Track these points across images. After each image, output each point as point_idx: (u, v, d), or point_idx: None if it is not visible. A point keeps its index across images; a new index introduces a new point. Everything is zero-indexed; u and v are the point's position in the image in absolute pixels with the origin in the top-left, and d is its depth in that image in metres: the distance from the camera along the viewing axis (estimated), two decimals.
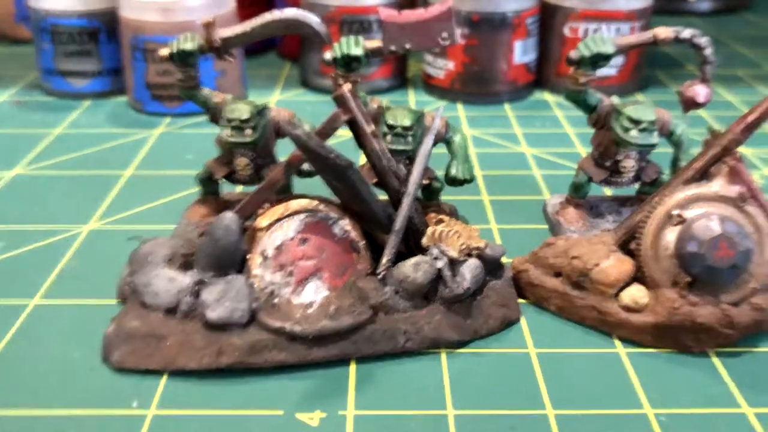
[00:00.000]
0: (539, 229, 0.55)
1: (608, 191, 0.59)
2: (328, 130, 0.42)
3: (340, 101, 0.42)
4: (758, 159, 0.67)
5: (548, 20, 0.79)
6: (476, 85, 0.78)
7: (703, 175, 0.43)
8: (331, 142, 0.43)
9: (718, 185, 0.42)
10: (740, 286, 0.41)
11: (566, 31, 0.79)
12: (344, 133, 0.46)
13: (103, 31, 0.77)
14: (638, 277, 0.43)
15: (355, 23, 0.78)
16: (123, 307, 0.43)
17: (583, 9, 0.77)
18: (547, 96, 0.81)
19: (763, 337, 0.43)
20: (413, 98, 0.81)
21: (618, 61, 0.80)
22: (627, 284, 0.43)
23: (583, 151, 0.68)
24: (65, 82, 0.78)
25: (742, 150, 0.68)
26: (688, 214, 0.41)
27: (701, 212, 0.41)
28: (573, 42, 0.78)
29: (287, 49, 0.93)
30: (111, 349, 0.40)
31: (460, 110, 0.78)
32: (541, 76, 0.82)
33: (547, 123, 0.74)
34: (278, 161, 0.52)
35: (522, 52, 0.78)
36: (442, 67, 0.79)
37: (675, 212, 0.41)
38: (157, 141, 0.69)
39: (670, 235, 0.41)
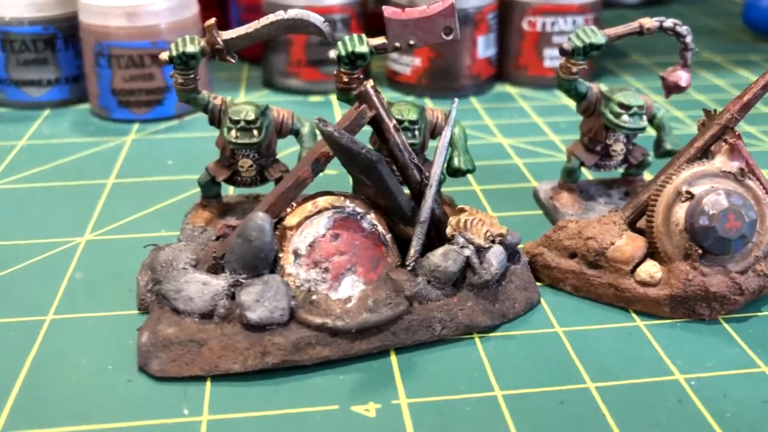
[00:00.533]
0: (534, 215, 0.57)
1: (590, 175, 0.62)
2: (354, 126, 0.42)
3: (363, 98, 0.43)
4: None
5: (507, 15, 0.82)
6: (442, 80, 0.80)
7: (704, 153, 0.46)
8: None
9: (719, 162, 0.45)
10: (745, 255, 0.44)
11: (525, 25, 0.81)
12: None
13: (60, 37, 0.75)
14: (650, 253, 0.45)
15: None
16: (149, 316, 0.42)
17: (540, 4, 0.80)
18: (509, 88, 0.84)
19: (764, 301, 0.46)
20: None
21: None
22: (640, 260, 0.45)
23: (556, 139, 0.70)
24: (20, 92, 0.75)
25: None
26: (695, 190, 0.44)
27: (707, 188, 0.44)
28: (531, 36, 0.81)
29: (244, 52, 0.92)
30: (149, 359, 0.40)
31: (428, 105, 0.79)
32: (502, 70, 0.84)
33: (515, 114, 0.77)
34: (279, 161, 0.52)
35: (485, 47, 0.80)
36: (408, 64, 0.80)
37: (683, 189, 0.44)
38: (132, 148, 0.68)
39: (680, 211, 0.44)
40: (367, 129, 0.45)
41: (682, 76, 0.53)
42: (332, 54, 0.49)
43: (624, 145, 0.54)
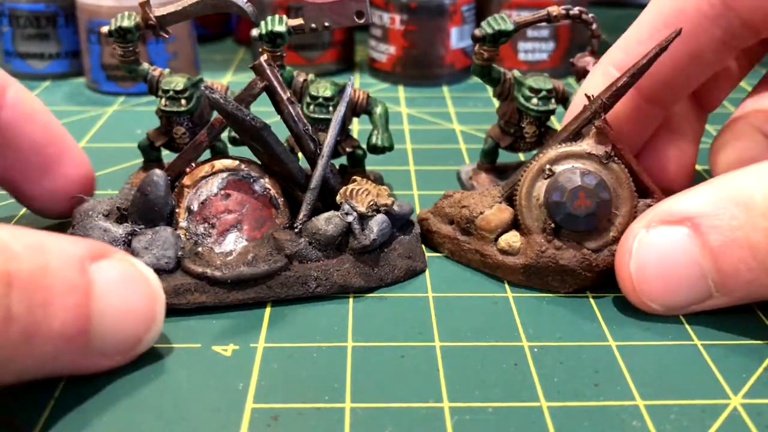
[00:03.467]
0: None
1: (522, 157, 0.64)
2: (246, 95, 0.46)
3: (257, 70, 0.47)
4: None
5: (484, 8, 0.84)
6: (416, 69, 0.83)
7: (577, 135, 0.48)
8: None
9: (586, 144, 0.47)
10: (603, 234, 0.46)
11: None
12: None
13: (61, 15, 0.81)
14: (516, 224, 0.48)
15: (301, 9, 0.83)
16: None
17: None
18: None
19: None
20: (359, 81, 0.86)
21: (549, 46, 0.85)
22: (505, 230, 0.48)
23: None
24: (25, 64, 0.83)
25: None
26: (558, 168, 0.46)
27: (568, 167, 0.46)
28: None
29: (243, 35, 0.98)
30: None
31: (401, 92, 0.82)
32: None
33: (479, 104, 0.79)
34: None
35: (458, 38, 0.83)
36: (384, 52, 0.84)
37: (547, 167, 0.46)
38: (110, 117, 0.74)
39: (541, 187, 0.47)
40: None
41: (590, 62, 0.55)
42: (254, 32, 0.53)
43: (537, 128, 0.56)
